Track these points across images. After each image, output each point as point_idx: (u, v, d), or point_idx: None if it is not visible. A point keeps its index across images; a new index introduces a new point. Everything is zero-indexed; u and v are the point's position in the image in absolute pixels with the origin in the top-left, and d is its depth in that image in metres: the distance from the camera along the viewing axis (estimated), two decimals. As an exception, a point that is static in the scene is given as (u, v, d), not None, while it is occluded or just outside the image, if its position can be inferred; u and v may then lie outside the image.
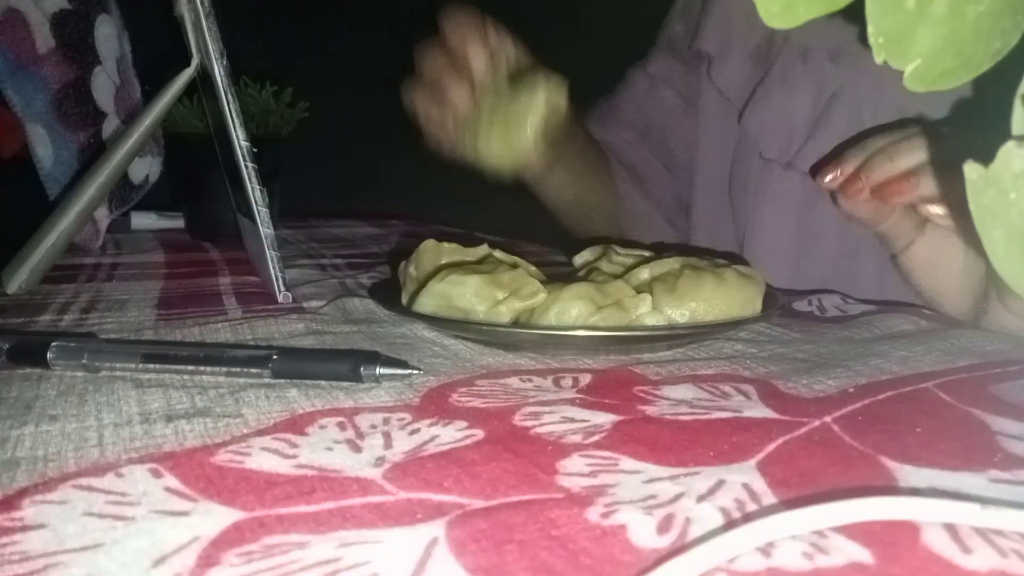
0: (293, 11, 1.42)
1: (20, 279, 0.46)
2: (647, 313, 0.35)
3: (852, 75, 0.56)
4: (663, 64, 0.74)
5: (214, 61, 0.41)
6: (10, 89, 0.58)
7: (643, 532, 0.18)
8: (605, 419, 0.26)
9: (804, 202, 0.60)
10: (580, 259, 0.43)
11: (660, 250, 0.43)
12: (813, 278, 0.57)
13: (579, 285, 0.36)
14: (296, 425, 0.25)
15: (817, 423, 0.25)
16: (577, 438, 0.24)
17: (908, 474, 0.22)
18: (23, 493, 0.20)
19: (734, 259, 0.40)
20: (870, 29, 0.18)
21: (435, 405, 0.27)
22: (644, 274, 0.38)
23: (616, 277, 0.38)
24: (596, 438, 0.24)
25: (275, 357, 0.29)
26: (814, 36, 0.59)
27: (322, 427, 0.25)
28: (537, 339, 0.35)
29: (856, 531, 0.18)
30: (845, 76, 0.57)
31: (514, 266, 0.39)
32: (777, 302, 0.38)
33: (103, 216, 0.64)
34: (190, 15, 0.43)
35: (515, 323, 0.36)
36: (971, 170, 0.17)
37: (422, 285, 0.37)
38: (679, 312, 0.36)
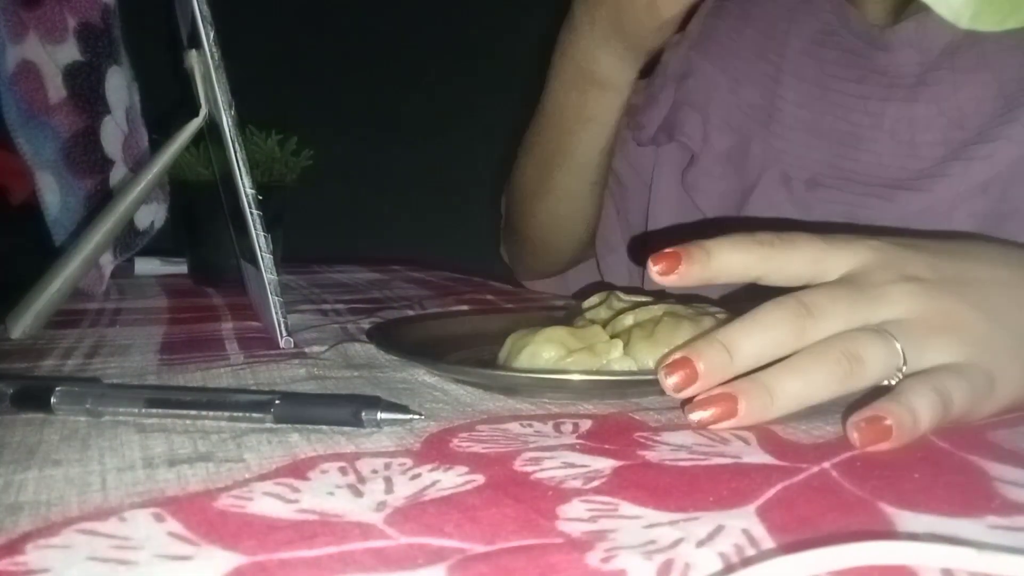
0: (299, 62, 1.45)
1: (24, 324, 0.47)
2: (618, 359, 0.36)
3: (827, 205, 0.58)
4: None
5: (222, 112, 0.42)
6: (21, 138, 0.59)
7: (643, 577, 0.18)
8: (605, 464, 0.26)
9: None
10: (588, 304, 0.44)
11: (662, 297, 0.43)
12: None
13: (553, 329, 0.37)
14: (298, 470, 0.25)
15: (816, 469, 0.26)
16: (577, 483, 0.24)
17: (906, 520, 0.22)
18: (26, 537, 0.20)
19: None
20: None
21: (436, 450, 0.27)
22: (628, 320, 0.39)
23: (605, 323, 0.39)
24: (596, 483, 0.24)
25: (277, 402, 0.30)
26: (790, 161, 0.61)
27: (324, 472, 0.25)
28: (531, 383, 0.35)
29: (855, 577, 0.18)
30: (823, 207, 0.58)
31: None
32: None
33: (107, 262, 0.64)
34: (200, 67, 0.44)
35: (506, 367, 0.36)
36: None
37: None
38: (653, 358, 0.36)
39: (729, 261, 0.32)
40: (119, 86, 0.65)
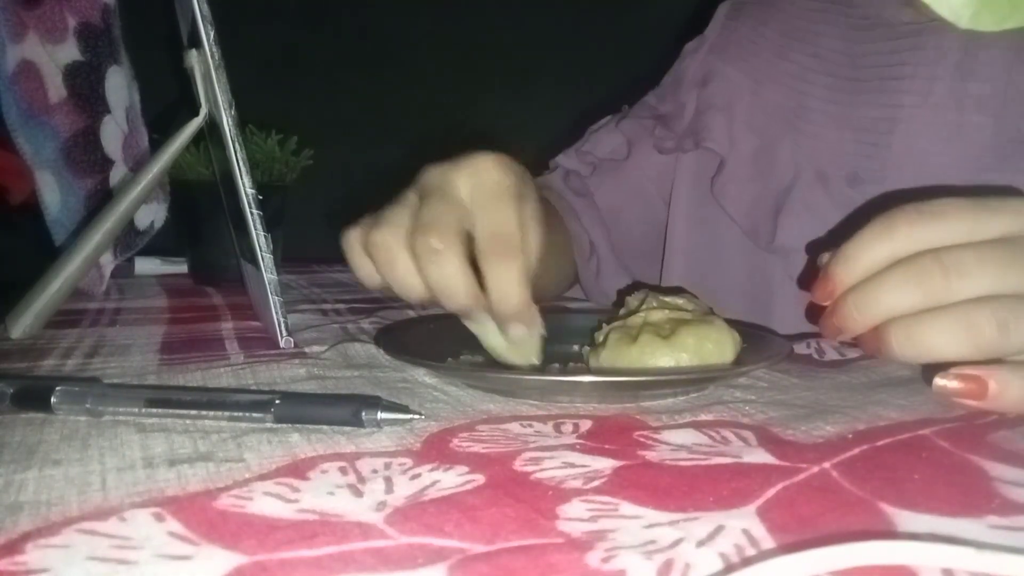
0: (299, 62, 1.45)
1: (25, 324, 0.47)
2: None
3: (869, 198, 0.56)
4: (636, 127, 0.72)
5: (223, 111, 0.42)
6: (21, 137, 0.59)
7: (643, 577, 0.18)
8: (605, 464, 0.26)
9: None
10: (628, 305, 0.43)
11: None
12: None
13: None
14: (298, 470, 0.25)
15: (816, 469, 0.26)
16: (577, 483, 0.24)
17: (906, 520, 0.22)
18: (26, 537, 0.20)
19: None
20: None
21: (436, 450, 0.27)
22: (637, 320, 0.39)
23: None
24: (596, 483, 0.24)
25: (277, 402, 0.30)
26: (826, 159, 0.59)
27: (324, 472, 0.25)
28: (537, 386, 0.35)
29: (855, 576, 0.18)
30: (863, 200, 0.56)
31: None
32: (782, 347, 0.39)
33: (107, 261, 0.64)
34: (200, 67, 0.44)
35: (508, 369, 0.36)
36: None
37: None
38: (673, 359, 0.36)
39: (877, 256, 0.31)
40: (119, 86, 0.65)
